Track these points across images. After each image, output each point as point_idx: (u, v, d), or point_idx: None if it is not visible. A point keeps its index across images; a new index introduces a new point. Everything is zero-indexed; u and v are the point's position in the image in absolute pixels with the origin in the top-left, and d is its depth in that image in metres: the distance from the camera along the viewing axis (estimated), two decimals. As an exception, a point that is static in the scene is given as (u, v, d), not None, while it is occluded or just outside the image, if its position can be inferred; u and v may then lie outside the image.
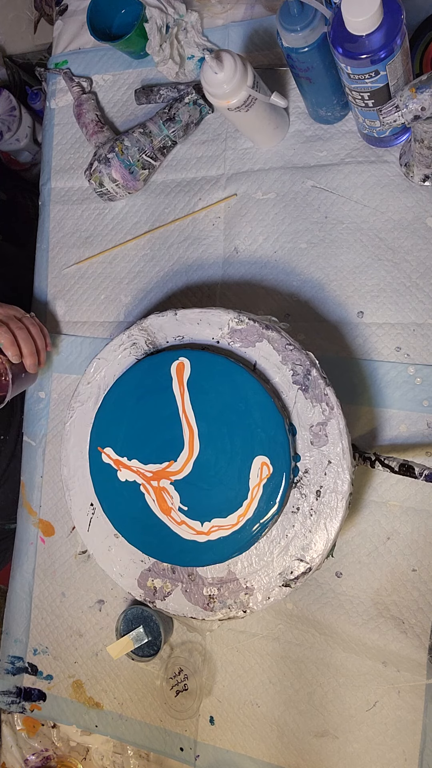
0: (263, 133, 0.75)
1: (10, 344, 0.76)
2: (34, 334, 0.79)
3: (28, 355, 0.78)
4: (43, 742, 0.86)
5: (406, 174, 0.71)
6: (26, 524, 0.90)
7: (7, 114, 1.43)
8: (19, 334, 0.77)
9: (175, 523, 0.65)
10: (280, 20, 0.60)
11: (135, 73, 0.89)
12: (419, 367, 0.69)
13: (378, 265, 0.72)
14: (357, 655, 0.70)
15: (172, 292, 0.83)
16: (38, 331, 0.80)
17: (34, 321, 0.81)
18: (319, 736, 0.72)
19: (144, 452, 0.67)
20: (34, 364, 0.79)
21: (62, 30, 0.95)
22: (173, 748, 0.78)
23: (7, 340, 0.76)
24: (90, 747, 0.84)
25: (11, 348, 0.76)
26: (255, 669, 0.75)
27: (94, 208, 0.90)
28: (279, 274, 0.77)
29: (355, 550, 0.71)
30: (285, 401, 0.64)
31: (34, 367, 0.79)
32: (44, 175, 0.94)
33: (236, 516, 0.62)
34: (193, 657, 0.77)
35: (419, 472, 0.61)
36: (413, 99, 0.53)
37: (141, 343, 0.70)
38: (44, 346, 0.81)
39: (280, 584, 0.62)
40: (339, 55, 0.57)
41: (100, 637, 0.84)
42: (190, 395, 0.66)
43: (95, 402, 0.71)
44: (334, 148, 0.75)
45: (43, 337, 0.81)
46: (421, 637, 0.67)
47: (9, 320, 0.78)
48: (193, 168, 0.84)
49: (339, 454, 0.61)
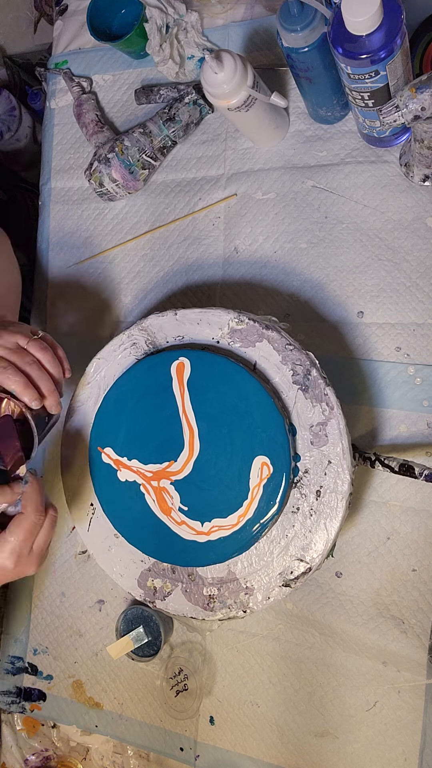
0: (263, 133, 0.75)
1: (25, 387, 0.61)
2: (48, 366, 0.64)
3: (48, 394, 0.63)
4: (43, 742, 0.86)
5: (406, 174, 0.71)
6: (26, 524, 0.90)
7: (7, 114, 1.43)
8: (32, 372, 0.62)
9: (175, 523, 0.65)
10: (280, 20, 0.60)
11: (135, 73, 0.89)
12: (419, 367, 0.69)
13: (378, 265, 0.72)
14: (357, 655, 0.70)
15: (172, 292, 0.83)
16: (51, 359, 0.64)
17: (44, 345, 0.64)
18: (319, 736, 0.72)
19: (144, 452, 0.67)
20: (56, 403, 0.64)
21: (62, 30, 0.95)
22: (173, 748, 0.78)
23: (19, 384, 0.61)
24: (90, 747, 0.84)
25: (27, 392, 0.61)
26: (255, 669, 0.75)
27: (94, 208, 0.90)
28: (279, 274, 0.77)
29: (355, 550, 0.71)
30: (285, 401, 0.64)
31: (57, 406, 0.64)
32: (44, 175, 0.94)
33: (236, 516, 0.62)
34: (193, 657, 0.77)
35: (419, 472, 0.61)
36: (413, 99, 0.53)
37: (141, 343, 0.70)
38: (62, 374, 0.65)
39: (280, 584, 0.62)
40: (339, 55, 0.57)
41: (100, 637, 0.84)
42: (190, 395, 0.66)
43: (95, 402, 0.71)
44: (334, 148, 0.75)
45: (60, 363, 0.65)
46: (421, 637, 0.67)
47: (17, 356, 0.62)
48: (193, 168, 0.84)
49: (339, 454, 0.61)
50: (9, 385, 0.61)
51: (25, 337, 0.64)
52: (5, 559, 0.56)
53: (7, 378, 0.60)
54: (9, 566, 0.57)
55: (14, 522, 0.57)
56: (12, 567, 0.57)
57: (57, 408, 0.64)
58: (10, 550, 0.56)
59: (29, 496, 0.58)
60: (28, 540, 0.57)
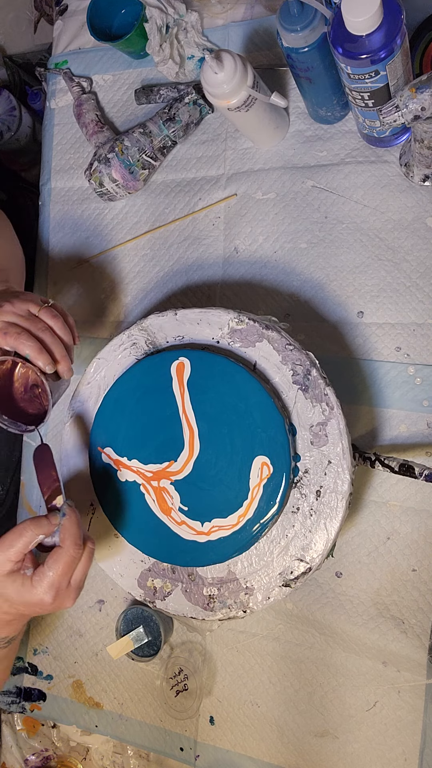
0: (263, 133, 0.75)
1: (39, 352, 0.62)
2: (60, 332, 0.65)
3: (61, 359, 0.64)
4: (43, 742, 0.86)
5: (406, 174, 0.71)
6: (26, 524, 0.90)
7: (7, 114, 1.43)
8: (45, 338, 0.63)
9: (176, 523, 0.65)
10: (280, 20, 0.60)
11: (135, 73, 0.89)
12: (419, 367, 0.69)
13: (378, 265, 0.72)
14: (357, 655, 0.70)
15: (172, 292, 0.83)
16: (62, 325, 0.65)
17: (55, 312, 0.66)
18: (319, 736, 0.72)
19: (144, 452, 0.67)
20: (68, 368, 0.65)
21: (62, 30, 0.95)
22: (173, 748, 0.78)
23: (33, 349, 0.62)
24: (90, 747, 0.84)
25: (41, 357, 0.62)
26: (255, 669, 0.75)
27: (94, 208, 0.90)
28: (279, 274, 0.77)
29: (355, 550, 0.71)
30: (285, 401, 0.64)
31: (69, 371, 0.65)
32: (44, 175, 0.94)
33: (236, 516, 0.62)
34: (193, 657, 0.77)
35: (419, 472, 0.61)
36: (413, 99, 0.53)
37: (141, 343, 0.70)
38: (72, 341, 0.67)
39: (280, 584, 0.62)
40: (339, 55, 0.57)
41: (100, 637, 0.83)
42: (190, 395, 0.66)
43: (95, 402, 0.71)
44: (334, 148, 0.75)
45: (70, 331, 0.67)
46: (421, 637, 0.67)
47: (29, 322, 0.63)
48: (193, 168, 0.84)
49: (339, 454, 0.61)
50: (23, 350, 0.62)
51: (37, 305, 0.65)
52: (44, 593, 0.55)
53: (22, 343, 0.61)
54: (47, 600, 0.55)
55: (53, 555, 0.56)
56: (50, 601, 0.55)
57: (69, 373, 0.66)
58: (49, 584, 0.55)
59: (67, 529, 0.57)
60: (66, 574, 0.56)
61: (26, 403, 0.68)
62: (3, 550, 0.55)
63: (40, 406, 0.67)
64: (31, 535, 0.56)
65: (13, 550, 0.55)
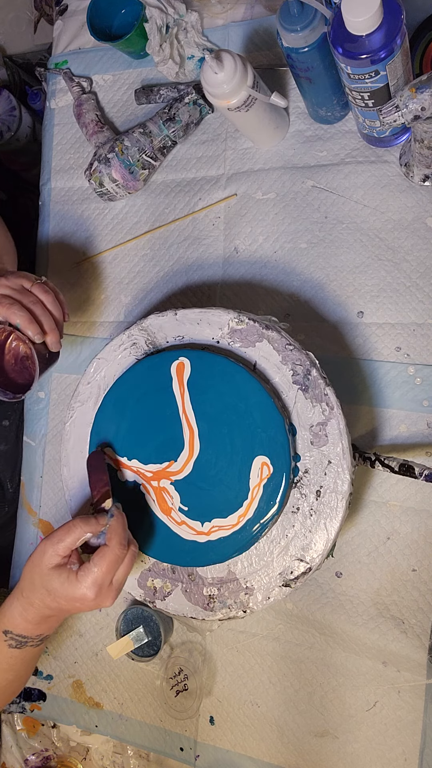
0: (263, 133, 0.75)
1: (29, 322, 0.66)
2: (50, 306, 0.69)
3: (49, 331, 0.68)
4: (43, 742, 0.86)
5: (406, 174, 0.71)
6: (26, 524, 0.90)
7: (7, 114, 1.43)
8: (36, 310, 0.67)
9: (176, 523, 0.65)
10: (280, 20, 0.60)
11: (135, 73, 0.89)
12: (419, 367, 0.69)
13: (378, 265, 0.72)
14: (357, 655, 0.70)
15: (172, 292, 0.83)
16: (53, 300, 0.69)
17: (47, 288, 0.69)
18: (319, 736, 0.72)
19: (144, 452, 0.67)
20: (57, 341, 0.69)
21: (62, 30, 0.95)
22: (173, 748, 0.78)
23: (24, 318, 0.65)
24: (90, 747, 0.84)
25: (31, 327, 0.66)
26: (255, 669, 0.75)
27: (94, 208, 0.90)
28: (279, 274, 0.77)
29: (355, 550, 0.71)
30: (285, 401, 0.64)
31: (58, 344, 0.69)
32: (44, 175, 0.94)
33: (236, 516, 0.62)
34: (193, 657, 0.77)
35: (419, 472, 0.61)
36: (413, 99, 0.53)
37: (141, 343, 0.70)
38: (62, 317, 0.70)
39: (280, 584, 0.62)
40: (339, 55, 0.57)
41: (100, 637, 0.84)
42: (190, 395, 0.66)
43: (95, 402, 0.71)
44: (334, 148, 0.75)
45: (60, 307, 0.70)
46: (421, 637, 0.67)
47: (21, 295, 0.67)
48: (193, 168, 0.84)
49: (339, 454, 0.61)
50: (14, 320, 0.65)
51: (30, 281, 0.69)
52: (87, 588, 0.56)
53: (13, 313, 0.65)
54: (90, 596, 0.57)
55: (98, 553, 0.57)
56: (92, 597, 0.57)
57: (57, 346, 0.69)
58: (93, 580, 0.56)
59: (114, 529, 0.59)
60: (109, 572, 0.57)
61: (16, 374, 0.72)
62: (52, 544, 0.58)
63: (29, 376, 0.71)
64: (80, 532, 0.58)
65: (62, 545, 0.57)
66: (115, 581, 0.58)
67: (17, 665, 0.66)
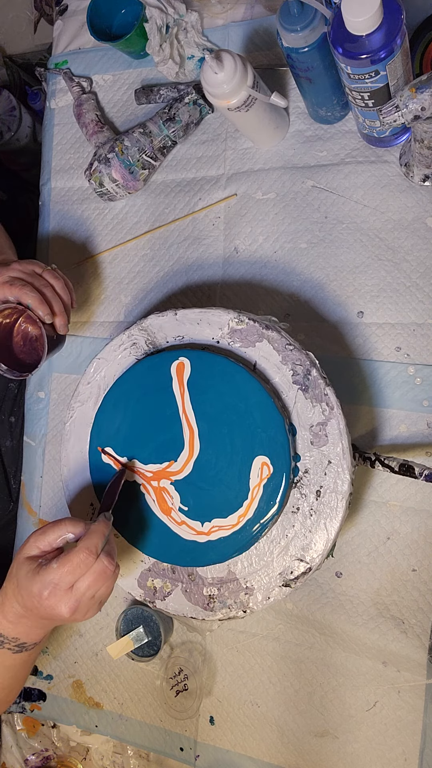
0: (263, 133, 0.75)
1: (40, 303, 0.69)
2: (60, 291, 0.72)
3: (59, 314, 0.71)
4: (43, 742, 0.86)
5: (406, 174, 0.71)
6: (26, 524, 0.90)
7: (7, 114, 1.43)
8: (47, 292, 0.71)
9: (176, 523, 0.65)
10: (280, 20, 0.60)
11: (135, 73, 0.89)
12: (419, 367, 0.69)
13: (378, 265, 0.72)
14: (357, 655, 0.70)
15: (172, 292, 0.83)
16: (63, 285, 0.73)
17: (57, 274, 0.73)
18: (319, 736, 0.72)
19: (144, 452, 0.67)
20: (65, 324, 0.72)
21: (62, 30, 0.95)
22: (173, 748, 0.78)
23: (35, 299, 0.69)
24: (90, 747, 0.84)
25: (41, 307, 0.69)
26: (255, 669, 0.75)
27: (94, 208, 0.90)
28: (279, 274, 0.77)
29: (355, 550, 0.71)
30: (285, 401, 0.64)
31: (65, 327, 0.73)
32: (44, 175, 0.94)
33: (236, 516, 0.62)
34: (193, 657, 0.77)
35: (419, 472, 0.61)
36: (413, 99, 0.53)
37: (141, 343, 0.70)
38: (70, 302, 0.74)
39: (280, 584, 0.62)
40: (339, 55, 0.57)
41: (100, 637, 0.84)
42: (190, 395, 0.66)
43: (95, 402, 0.71)
44: (334, 148, 0.75)
45: (69, 292, 0.74)
46: (421, 637, 0.67)
47: (33, 278, 0.71)
48: (193, 168, 0.84)
49: (339, 454, 0.61)
50: (26, 300, 0.69)
51: (41, 267, 0.73)
52: (43, 585, 0.55)
53: (25, 294, 0.69)
54: (44, 595, 0.54)
55: (64, 554, 0.56)
56: (45, 596, 0.55)
57: (65, 329, 0.73)
58: (50, 578, 0.55)
59: (90, 533, 0.57)
60: (69, 574, 0.55)
61: (25, 355, 0.75)
62: (36, 536, 0.58)
63: (36, 357, 0.74)
64: (63, 530, 0.58)
65: (43, 538, 0.58)
66: (76, 588, 0.55)
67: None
